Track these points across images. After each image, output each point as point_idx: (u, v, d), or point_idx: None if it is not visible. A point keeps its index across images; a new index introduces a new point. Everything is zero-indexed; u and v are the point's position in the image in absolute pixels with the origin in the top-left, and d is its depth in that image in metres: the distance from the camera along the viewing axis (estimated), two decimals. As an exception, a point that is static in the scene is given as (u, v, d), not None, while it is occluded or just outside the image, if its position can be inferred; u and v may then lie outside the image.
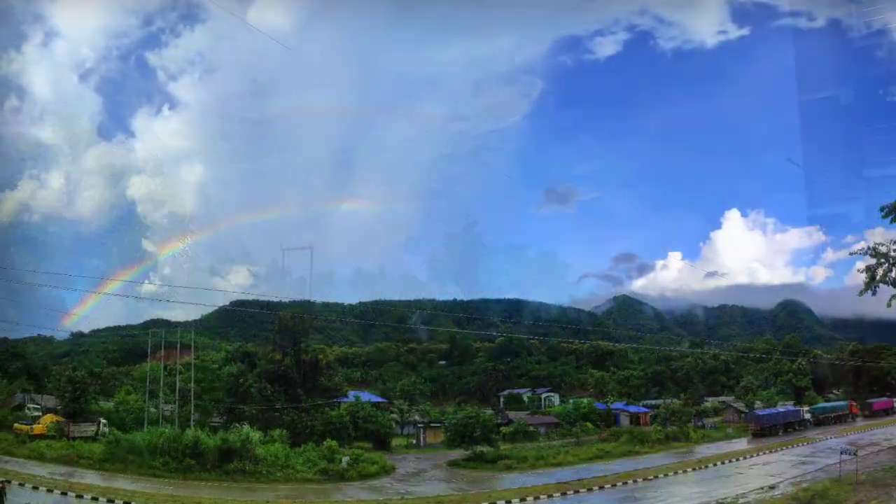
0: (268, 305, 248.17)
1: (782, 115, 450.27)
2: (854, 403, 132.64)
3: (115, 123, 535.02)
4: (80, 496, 49.88)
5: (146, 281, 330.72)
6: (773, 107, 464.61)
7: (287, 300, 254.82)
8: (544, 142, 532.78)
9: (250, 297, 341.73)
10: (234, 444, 64.70)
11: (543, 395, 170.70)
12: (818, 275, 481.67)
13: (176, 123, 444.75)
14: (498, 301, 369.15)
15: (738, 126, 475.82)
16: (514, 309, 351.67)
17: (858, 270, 51.48)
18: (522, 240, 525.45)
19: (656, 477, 66.00)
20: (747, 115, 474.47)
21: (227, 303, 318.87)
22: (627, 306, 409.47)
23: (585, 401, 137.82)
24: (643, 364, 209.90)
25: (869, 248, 50.85)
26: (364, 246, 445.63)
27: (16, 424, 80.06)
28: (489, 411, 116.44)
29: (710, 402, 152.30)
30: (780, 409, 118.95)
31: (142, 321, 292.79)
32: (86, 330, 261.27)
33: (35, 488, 50.22)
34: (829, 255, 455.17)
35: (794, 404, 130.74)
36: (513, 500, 56.39)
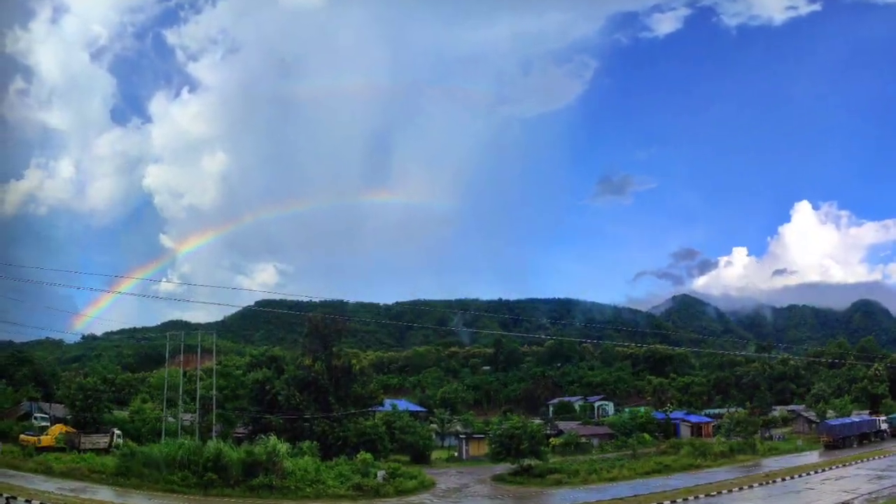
0: (296, 306, 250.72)
1: (857, 97, 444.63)
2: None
3: (129, 107, 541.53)
4: (91, 513, 49.39)
5: (164, 279, 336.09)
6: (846, 88, 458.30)
7: (317, 300, 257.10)
8: (598, 127, 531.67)
9: (277, 297, 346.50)
10: (260, 457, 63.91)
11: (597, 404, 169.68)
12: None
13: (196, 107, 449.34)
14: (547, 301, 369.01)
15: (809, 110, 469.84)
16: (564, 309, 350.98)
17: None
18: (574, 234, 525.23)
19: (720, 493, 64.89)
20: (818, 97, 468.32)
21: (252, 303, 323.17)
22: (688, 306, 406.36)
23: (642, 409, 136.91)
24: (705, 370, 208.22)
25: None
26: (401, 241, 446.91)
27: (22, 436, 79.61)
28: (538, 421, 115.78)
29: (778, 411, 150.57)
30: (855, 418, 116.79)
31: (159, 323, 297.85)
32: (98, 333, 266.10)
33: (43, 505, 49.77)
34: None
35: (870, 413, 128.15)
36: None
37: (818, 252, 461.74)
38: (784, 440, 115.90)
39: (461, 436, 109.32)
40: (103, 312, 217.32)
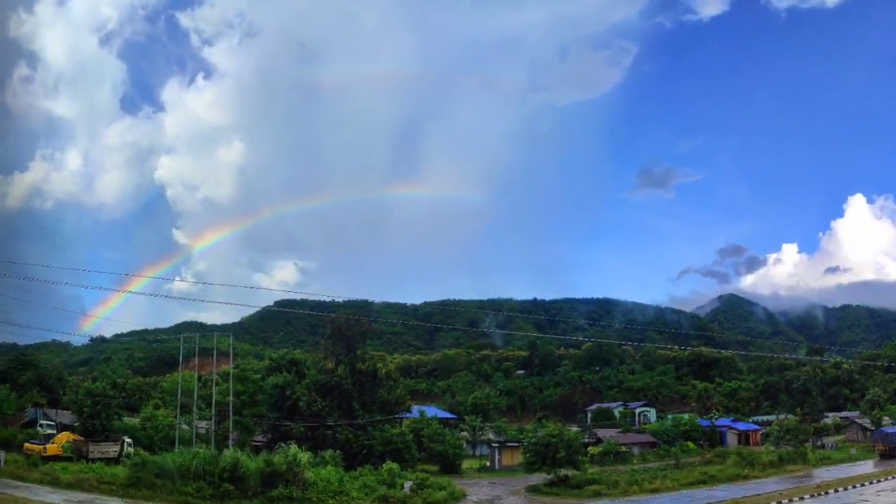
0: (318, 306, 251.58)
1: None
2: None
3: (140, 94, 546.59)
4: (100, 527, 49.04)
5: (177, 278, 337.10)
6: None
7: (340, 300, 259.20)
8: (638, 116, 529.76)
9: (298, 297, 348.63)
10: (280, 467, 63.42)
11: (638, 410, 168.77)
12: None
13: (211, 94, 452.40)
14: (585, 301, 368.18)
15: (863, 97, 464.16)
16: (603, 310, 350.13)
17: None
18: (613, 229, 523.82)
19: (768, 505, 64.87)
20: (874, 84, 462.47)
21: (271, 303, 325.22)
22: (735, 307, 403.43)
23: (686, 416, 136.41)
24: (753, 374, 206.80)
25: None
26: (429, 237, 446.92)
27: (26, 444, 79.16)
28: (575, 429, 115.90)
29: (830, 418, 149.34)
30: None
31: (172, 324, 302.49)
32: (107, 334, 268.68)
33: (49, 518, 49.43)
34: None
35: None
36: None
37: (873, 248, 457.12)
38: (837, 449, 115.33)
39: (494, 444, 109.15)
40: (113, 313, 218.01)
